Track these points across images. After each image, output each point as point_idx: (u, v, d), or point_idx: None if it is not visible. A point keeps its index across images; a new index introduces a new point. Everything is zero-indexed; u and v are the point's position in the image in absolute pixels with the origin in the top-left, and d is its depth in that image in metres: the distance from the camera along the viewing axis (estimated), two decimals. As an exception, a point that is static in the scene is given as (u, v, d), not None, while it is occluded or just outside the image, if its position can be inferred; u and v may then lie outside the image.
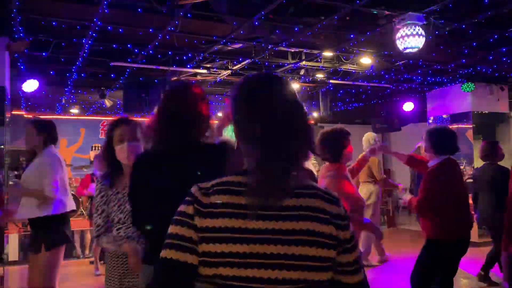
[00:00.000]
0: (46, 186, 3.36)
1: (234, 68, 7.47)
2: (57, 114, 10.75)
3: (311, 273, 0.97)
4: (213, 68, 7.48)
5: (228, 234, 0.96)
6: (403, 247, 7.14)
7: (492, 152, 5.17)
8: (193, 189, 1.04)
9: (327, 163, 3.16)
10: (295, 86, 9.20)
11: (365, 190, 6.27)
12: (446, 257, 3.36)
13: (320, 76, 8.32)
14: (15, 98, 7.99)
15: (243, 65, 7.26)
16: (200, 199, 1.01)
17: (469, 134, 8.40)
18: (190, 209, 1.00)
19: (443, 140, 3.45)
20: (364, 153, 3.99)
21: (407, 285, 3.49)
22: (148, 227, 1.85)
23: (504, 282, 4.12)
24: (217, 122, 2.29)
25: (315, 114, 11.61)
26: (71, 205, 3.60)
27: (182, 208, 1.02)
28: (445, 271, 3.39)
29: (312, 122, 11.78)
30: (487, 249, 5.51)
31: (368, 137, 6.44)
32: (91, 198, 6.54)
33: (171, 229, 1.01)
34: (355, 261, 1.06)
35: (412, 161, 3.91)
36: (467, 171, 7.98)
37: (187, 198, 1.04)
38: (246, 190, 0.99)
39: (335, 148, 3.07)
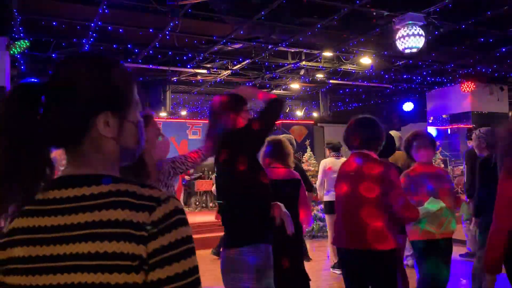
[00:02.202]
0: None
1: (234, 68, 7.47)
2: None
3: None
4: (213, 68, 7.49)
5: (18, 265, 0.82)
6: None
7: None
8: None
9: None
10: (295, 86, 9.22)
11: None
12: None
13: (320, 76, 8.32)
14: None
15: (243, 65, 7.27)
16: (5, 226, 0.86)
17: (469, 134, 8.41)
18: None
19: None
20: None
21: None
22: None
23: None
24: None
25: (315, 114, 11.63)
26: None
27: None
28: None
29: (313, 122, 11.81)
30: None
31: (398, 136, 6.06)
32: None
33: None
34: (170, 278, 0.78)
35: None
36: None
37: None
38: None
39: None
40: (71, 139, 0.87)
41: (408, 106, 10.09)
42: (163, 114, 9.67)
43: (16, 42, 5.37)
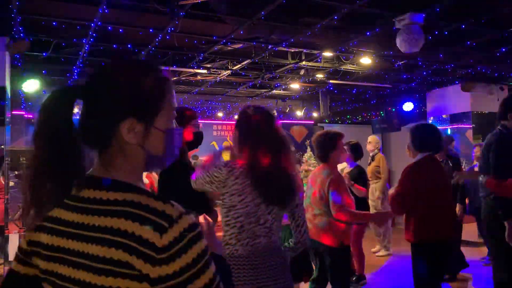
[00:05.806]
0: None
1: (234, 68, 7.47)
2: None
3: None
4: (213, 68, 7.48)
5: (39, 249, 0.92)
6: (403, 247, 7.13)
7: None
8: None
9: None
10: (295, 86, 9.21)
11: (370, 188, 6.37)
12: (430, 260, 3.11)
13: (320, 76, 8.32)
14: (15, 98, 7.99)
15: (243, 65, 7.27)
16: None
17: (469, 134, 8.40)
18: None
19: (424, 137, 3.29)
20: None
21: (406, 285, 3.48)
22: None
23: None
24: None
25: (315, 114, 11.62)
26: None
27: None
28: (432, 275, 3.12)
29: (312, 122, 11.80)
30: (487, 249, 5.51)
31: (376, 140, 6.68)
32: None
33: None
34: None
35: None
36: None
37: None
38: None
39: (325, 149, 3.34)
40: (99, 142, 0.93)
41: (408, 106, 10.08)
42: (163, 114, 9.66)
43: (16, 43, 5.37)
